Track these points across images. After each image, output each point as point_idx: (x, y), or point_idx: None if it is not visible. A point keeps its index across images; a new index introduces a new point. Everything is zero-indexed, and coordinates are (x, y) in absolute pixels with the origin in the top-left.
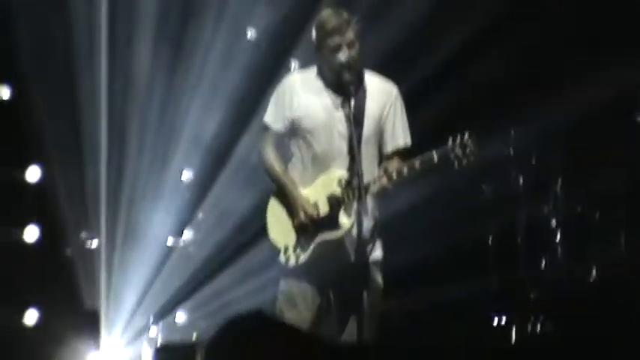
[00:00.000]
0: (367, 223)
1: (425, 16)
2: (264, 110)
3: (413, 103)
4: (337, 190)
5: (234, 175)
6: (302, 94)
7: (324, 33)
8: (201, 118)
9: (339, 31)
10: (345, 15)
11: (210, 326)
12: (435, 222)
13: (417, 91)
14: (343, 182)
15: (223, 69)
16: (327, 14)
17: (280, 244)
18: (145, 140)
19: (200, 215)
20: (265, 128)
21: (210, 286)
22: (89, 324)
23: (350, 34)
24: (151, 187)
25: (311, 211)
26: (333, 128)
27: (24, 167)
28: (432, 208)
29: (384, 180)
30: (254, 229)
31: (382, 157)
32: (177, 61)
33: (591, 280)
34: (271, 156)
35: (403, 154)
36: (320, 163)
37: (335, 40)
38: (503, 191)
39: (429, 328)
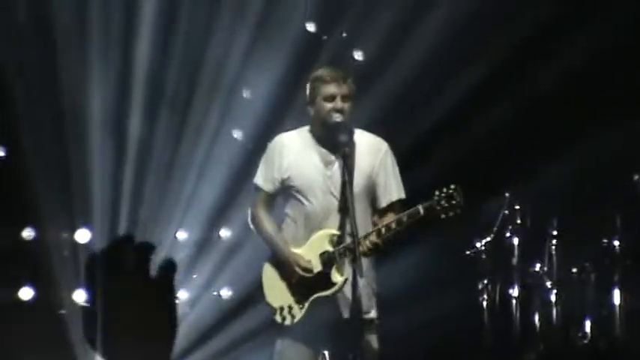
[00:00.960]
0: (362, 282)
1: (421, 73)
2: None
3: (409, 160)
4: (329, 248)
5: (229, 235)
6: (292, 154)
7: (320, 82)
8: (197, 181)
9: (336, 81)
10: (342, 72)
11: None
12: (430, 281)
13: (415, 149)
14: (335, 240)
15: (219, 135)
16: (324, 68)
17: (276, 305)
18: (139, 201)
19: (195, 275)
20: (257, 189)
21: (207, 344)
22: None
23: (345, 89)
24: (146, 247)
25: (305, 264)
26: (323, 187)
27: (20, 228)
28: (428, 268)
29: (373, 236)
30: (249, 290)
31: (375, 213)
32: (172, 124)
33: (585, 341)
34: (262, 217)
35: (397, 208)
36: (312, 222)
37: (331, 89)
38: (498, 253)
39: None
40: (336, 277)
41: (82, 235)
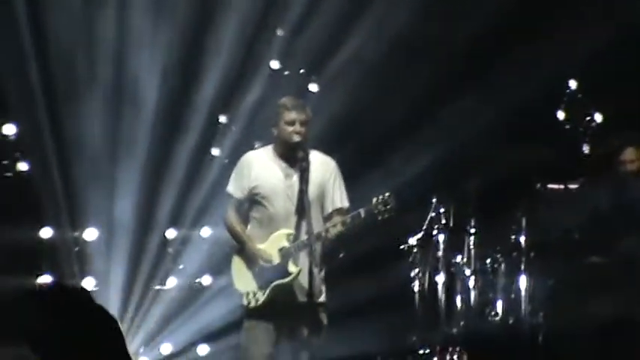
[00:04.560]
0: (314, 271)
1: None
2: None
3: (356, 171)
4: (286, 244)
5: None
6: (258, 168)
7: (284, 109)
8: (180, 189)
9: (296, 109)
10: (302, 101)
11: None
12: (372, 270)
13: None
14: (291, 237)
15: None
16: (287, 98)
17: (243, 290)
18: (133, 201)
19: (181, 266)
20: (228, 196)
21: (189, 323)
22: None
23: (303, 115)
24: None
25: (266, 257)
26: (283, 194)
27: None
28: (367, 261)
29: (326, 234)
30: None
31: (325, 217)
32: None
33: (497, 318)
34: (233, 219)
35: (342, 213)
36: (274, 223)
37: (292, 115)
38: (427, 247)
39: (367, 356)
40: (292, 268)
41: (90, 234)
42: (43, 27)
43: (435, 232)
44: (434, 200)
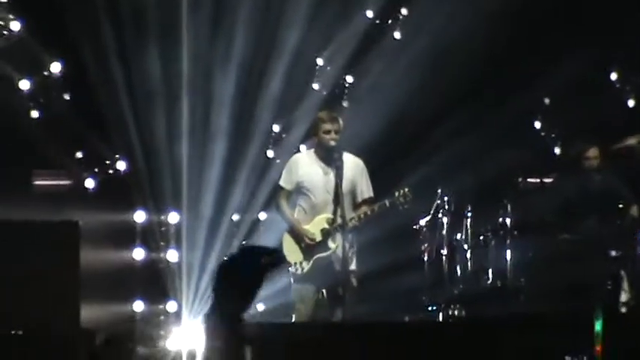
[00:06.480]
0: (347, 247)
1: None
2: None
3: (380, 170)
4: (326, 226)
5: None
6: (304, 166)
7: (321, 121)
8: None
9: (331, 121)
10: (335, 113)
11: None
12: (388, 246)
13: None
14: (330, 221)
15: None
16: (324, 112)
17: (292, 261)
18: (208, 193)
19: (244, 242)
20: (280, 188)
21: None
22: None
23: (337, 126)
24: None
25: (311, 236)
26: (323, 187)
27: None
28: (387, 238)
29: (356, 218)
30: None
31: (355, 205)
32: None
33: (489, 282)
34: (285, 206)
35: (368, 202)
36: (315, 209)
37: (328, 126)
38: (433, 227)
39: (387, 311)
40: (331, 244)
41: (173, 217)
42: (132, 75)
43: (440, 215)
44: (439, 191)
